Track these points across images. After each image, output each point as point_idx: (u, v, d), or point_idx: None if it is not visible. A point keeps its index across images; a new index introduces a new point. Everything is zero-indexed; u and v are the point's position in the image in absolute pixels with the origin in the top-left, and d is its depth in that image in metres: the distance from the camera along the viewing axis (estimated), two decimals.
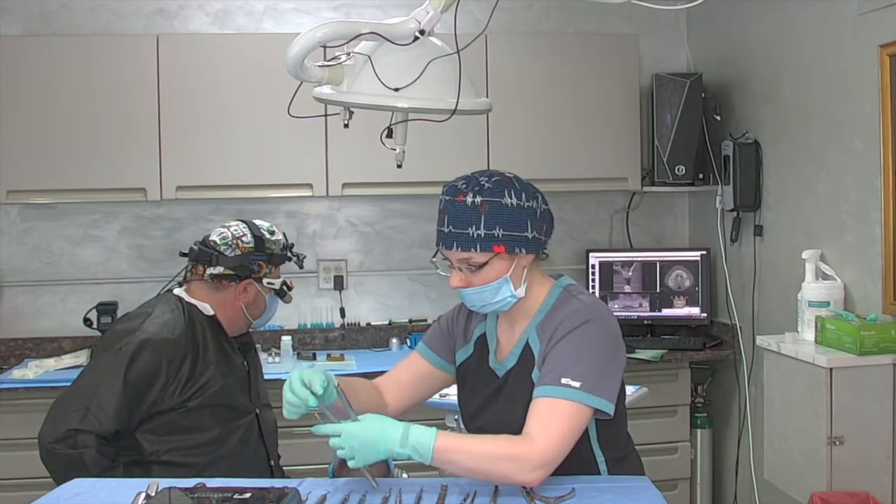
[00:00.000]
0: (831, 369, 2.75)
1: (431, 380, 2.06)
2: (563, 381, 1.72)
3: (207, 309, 2.40)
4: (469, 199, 1.77)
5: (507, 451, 1.68)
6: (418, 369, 2.06)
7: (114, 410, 2.15)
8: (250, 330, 2.56)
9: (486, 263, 1.79)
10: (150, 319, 2.31)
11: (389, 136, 2.10)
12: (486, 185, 1.78)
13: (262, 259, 2.42)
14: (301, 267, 2.58)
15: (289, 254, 2.50)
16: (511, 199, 1.78)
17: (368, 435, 1.67)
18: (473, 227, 1.76)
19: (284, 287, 2.51)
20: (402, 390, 2.04)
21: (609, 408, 1.75)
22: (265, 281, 2.44)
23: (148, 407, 2.22)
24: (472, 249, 1.78)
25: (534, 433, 1.69)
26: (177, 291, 2.45)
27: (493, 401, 1.91)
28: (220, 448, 2.29)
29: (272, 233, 2.46)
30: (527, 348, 1.87)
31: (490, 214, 1.76)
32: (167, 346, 2.25)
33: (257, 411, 2.44)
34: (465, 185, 1.80)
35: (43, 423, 2.16)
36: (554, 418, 1.70)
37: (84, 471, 2.05)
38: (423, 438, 1.67)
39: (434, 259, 1.88)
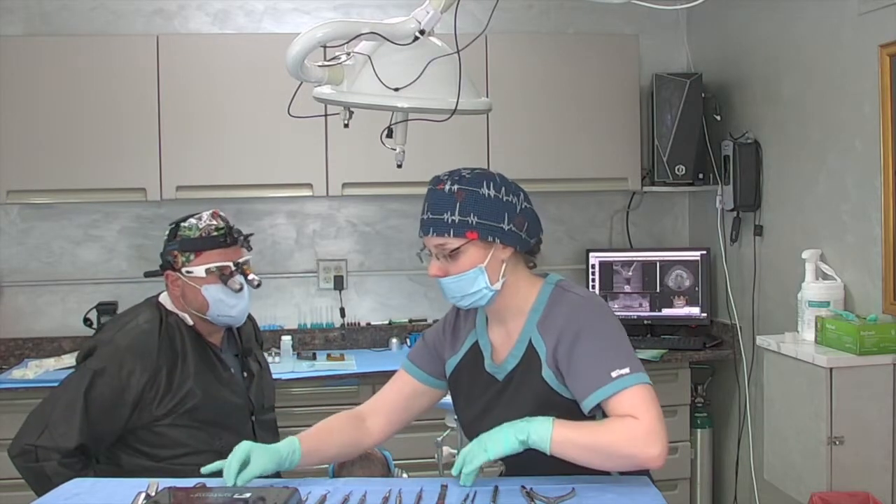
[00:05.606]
0: (831, 369, 2.75)
1: (419, 397, 2.05)
2: (614, 374, 1.73)
3: (187, 318, 2.36)
4: (447, 187, 1.81)
5: (618, 435, 1.69)
6: (406, 388, 2.05)
7: (73, 427, 2.15)
8: (234, 329, 2.49)
9: (460, 250, 1.80)
10: (124, 331, 2.28)
11: (389, 136, 2.11)
12: (467, 175, 1.82)
13: (174, 248, 2.33)
14: (249, 248, 2.42)
15: (213, 234, 2.32)
16: (489, 190, 1.80)
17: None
18: (448, 213, 1.79)
19: (218, 271, 2.31)
20: (392, 413, 2.03)
21: (649, 380, 1.77)
22: (184, 270, 2.31)
23: (126, 420, 2.21)
24: (446, 234, 1.80)
25: (631, 414, 1.70)
26: (162, 298, 2.41)
27: (495, 404, 1.90)
28: (214, 457, 2.27)
29: (199, 218, 2.35)
30: (530, 348, 1.86)
31: (466, 202, 1.79)
32: (138, 359, 2.22)
33: (253, 418, 2.42)
34: (446, 176, 1.84)
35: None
36: (637, 403, 1.71)
37: (48, 482, 2.04)
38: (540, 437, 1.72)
39: (419, 252, 1.90)
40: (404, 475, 2.15)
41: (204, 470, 1.81)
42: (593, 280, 4.14)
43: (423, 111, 1.94)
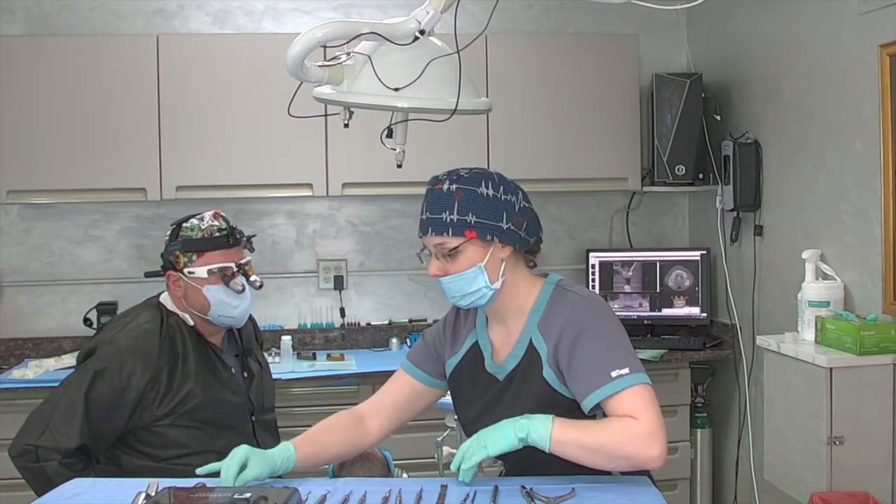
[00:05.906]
0: (831, 369, 2.75)
1: (419, 397, 2.06)
2: (614, 374, 1.73)
3: (187, 318, 2.36)
4: (446, 187, 1.81)
5: (618, 435, 1.69)
6: (405, 388, 2.05)
7: (74, 428, 2.14)
8: (235, 330, 2.47)
9: (458, 249, 1.81)
10: (125, 331, 2.27)
11: (389, 136, 2.11)
12: (465, 175, 1.83)
13: (176, 248, 2.32)
14: (251, 250, 2.42)
15: (216, 235, 2.31)
16: (487, 189, 1.81)
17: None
18: (447, 212, 1.80)
19: (220, 272, 2.31)
20: (391, 412, 2.03)
21: (649, 380, 1.77)
22: (186, 271, 2.30)
23: (126, 420, 2.21)
24: (445, 233, 1.80)
25: (631, 414, 1.70)
26: (162, 298, 2.41)
27: (496, 404, 1.90)
28: (215, 457, 2.27)
29: (201, 219, 2.34)
30: (531, 348, 1.86)
31: (464, 201, 1.79)
32: (139, 359, 2.22)
33: (253, 419, 2.41)
34: (445, 176, 1.84)
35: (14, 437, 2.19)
36: (637, 403, 1.71)
37: (49, 482, 2.03)
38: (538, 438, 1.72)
39: (419, 252, 1.91)
40: (404, 475, 2.15)
41: (200, 471, 1.81)
42: (593, 280, 4.14)
43: (423, 111, 1.94)
